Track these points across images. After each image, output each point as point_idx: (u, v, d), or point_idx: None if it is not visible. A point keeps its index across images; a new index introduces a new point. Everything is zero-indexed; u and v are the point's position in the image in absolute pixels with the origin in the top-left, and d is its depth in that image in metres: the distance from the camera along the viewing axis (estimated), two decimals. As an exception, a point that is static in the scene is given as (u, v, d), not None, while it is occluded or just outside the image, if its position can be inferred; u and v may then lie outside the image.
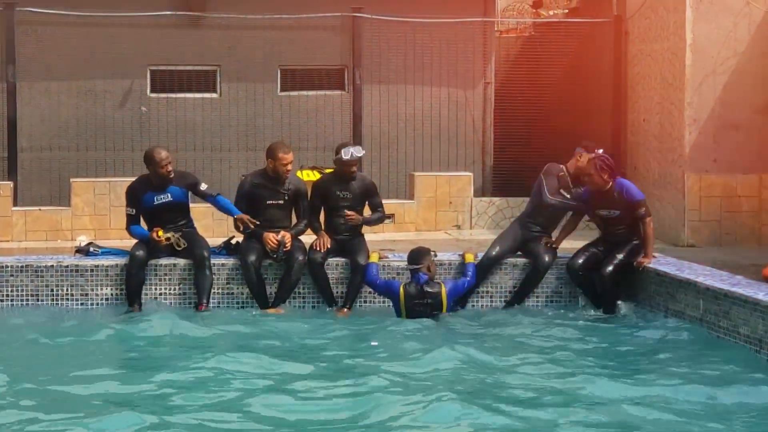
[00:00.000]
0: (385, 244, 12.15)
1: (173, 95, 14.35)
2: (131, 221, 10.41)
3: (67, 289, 10.41)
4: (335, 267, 10.59)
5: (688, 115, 12.78)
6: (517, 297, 10.56)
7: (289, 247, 10.31)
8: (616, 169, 10.37)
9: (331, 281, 10.52)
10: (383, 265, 10.59)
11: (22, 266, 10.40)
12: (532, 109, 15.32)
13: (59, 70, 14.06)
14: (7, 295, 10.37)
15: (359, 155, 10.70)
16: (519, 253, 10.70)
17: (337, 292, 10.53)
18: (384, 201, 11.09)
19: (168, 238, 10.28)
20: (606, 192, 10.24)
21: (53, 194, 13.92)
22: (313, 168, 13.60)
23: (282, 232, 10.39)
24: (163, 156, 10.31)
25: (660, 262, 10.61)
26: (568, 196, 10.57)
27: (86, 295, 10.41)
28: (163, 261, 10.42)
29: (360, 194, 10.73)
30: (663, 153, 13.37)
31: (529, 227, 10.66)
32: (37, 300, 10.38)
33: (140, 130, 14.24)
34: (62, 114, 14.12)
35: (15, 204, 13.42)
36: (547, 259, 10.48)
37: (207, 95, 14.45)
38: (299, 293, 10.55)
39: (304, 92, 14.59)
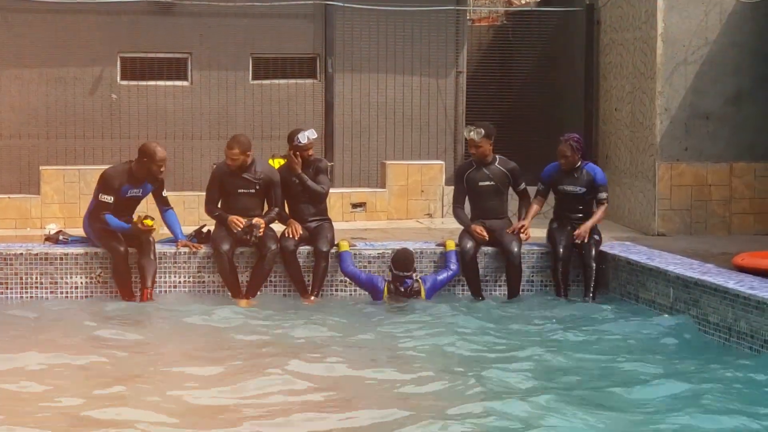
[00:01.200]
0: (357, 233, 12.13)
1: (144, 83, 14.27)
2: (106, 209, 10.21)
3: (36, 278, 10.35)
4: (305, 255, 10.57)
5: (660, 105, 12.81)
6: (512, 291, 10.55)
7: (262, 232, 10.30)
8: (586, 152, 10.96)
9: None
10: (354, 254, 10.58)
11: (-10, 254, 10.33)
12: (504, 97, 15.33)
13: (29, 57, 13.95)
14: (-23, 283, 10.30)
15: (314, 137, 10.73)
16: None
17: (308, 281, 10.51)
18: (355, 189, 11.10)
19: (152, 220, 10.24)
20: (575, 170, 10.75)
21: (22, 182, 13.82)
22: (284, 156, 13.53)
23: (255, 219, 10.38)
24: (163, 156, 10.30)
25: (631, 250, 10.65)
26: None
27: (56, 283, 10.35)
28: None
29: (313, 175, 10.73)
30: (634, 142, 13.40)
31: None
32: (6, 288, 10.31)
33: (110, 118, 14.15)
34: (32, 101, 14.02)
35: (-16, 192, 13.33)
36: (516, 250, 10.52)
37: (178, 83, 14.38)
38: (271, 281, 10.53)
39: (276, 81, 14.54)
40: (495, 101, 15.20)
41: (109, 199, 10.22)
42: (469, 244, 10.48)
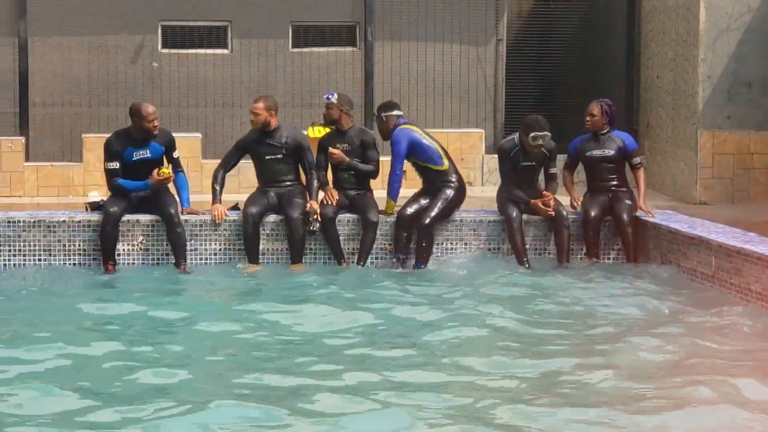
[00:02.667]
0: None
1: (184, 51, 14.32)
2: (115, 175, 10.16)
3: (79, 245, 10.41)
4: (346, 223, 10.58)
5: (702, 72, 12.72)
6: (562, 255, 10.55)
7: (319, 215, 10.30)
8: (615, 120, 10.69)
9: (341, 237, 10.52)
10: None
11: (34, 221, 10.41)
12: (544, 66, 15.26)
13: (71, 25, 14.02)
14: (20, 250, 10.37)
15: (330, 97, 10.67)
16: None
17: (347, 249, 10.52)
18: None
19: (167, 169, 10.20)
20: (602, 135, 10.56)
21: (65, 150, 13.92)
22: (324, 124, 13.56)
23: (309, 203, 10.34)
24: (150, 111, 10.13)
25: (672, 219, 10.59)
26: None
27: (99, 250, 10.42)
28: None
29: (359, 146, 10.71)
30: (676, 110, 13.32)
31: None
32: (50, 255, 10.39)
33: (151, 86, 14.21)
34: (74, 69, 14.10)
35: (27, 159, 13.44)
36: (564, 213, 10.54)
37: (218, 51, 14.41)
38: (310, 249, 10.54)
39: (316, 48, 14.54)
40: (535, 69, 15.14)
41: (114, 165, 10.16)
42: (515, 213, 10.47)
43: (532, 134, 10.32)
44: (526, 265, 10.39)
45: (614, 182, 10.58)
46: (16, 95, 13.81)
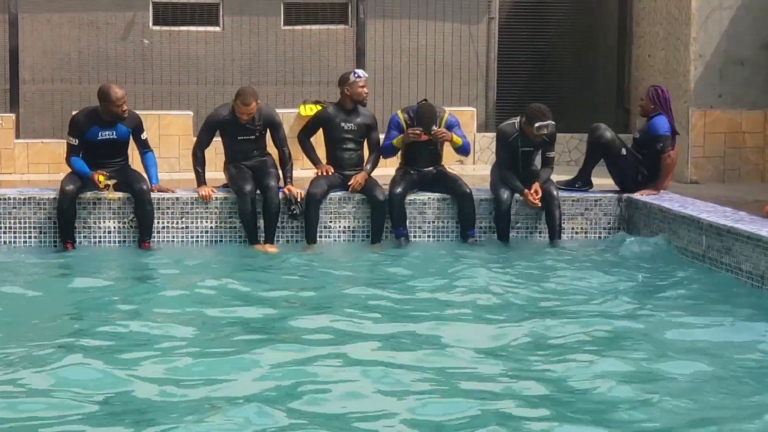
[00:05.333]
0: (388, 179, 12.12)
1: (176, 28, 14.26)
2: (73, 151, 10.21)
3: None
4: (349, 201, 10.59)
5: (694, 51, 12.71)
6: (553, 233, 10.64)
7: (299, 197, 10.29)
8: (665, 106, 10.78)
9: (345, 216, 10.51)
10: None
11: (24, 199, 10.39)
12: (536, 44, 15.22)
13: (61, 1, 13.95)
14: (10, 228, 10.37)
15: (366, 75, 10.74)
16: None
17: (352, 227, 10.52)
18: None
19: (107, 186, 10.17)
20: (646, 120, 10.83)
21: (55, 126, 13.88)
22: (316, 102, 13.53)
23: (286, 188, 10.33)
24: (119, 95, 10.12)
25: (663, 198, 10.61)
26: None
27: (89, 228, 10.41)
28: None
29: (364, 126, 10.73)
30: (668, 88, 13.28)
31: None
32: (41, 233, 10.38)
33: (142, 64, 14.16)
34: (64, 46, 14.04)
35: (17, 136, 13.40)
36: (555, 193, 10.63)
37: (210, 28, 14.35)
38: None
39: (308, 26, 14.49)
40: (527, 47, 15.09)
41: (74, 141, 10.18)
42: (506, 194, 10.49)
43: (536, 124, 10.34)
44: (504, 241, 10.50)
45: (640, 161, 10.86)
46: (7, 72, 13.75)
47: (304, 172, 11.38)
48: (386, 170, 10.95)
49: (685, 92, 12.84)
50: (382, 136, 10.95)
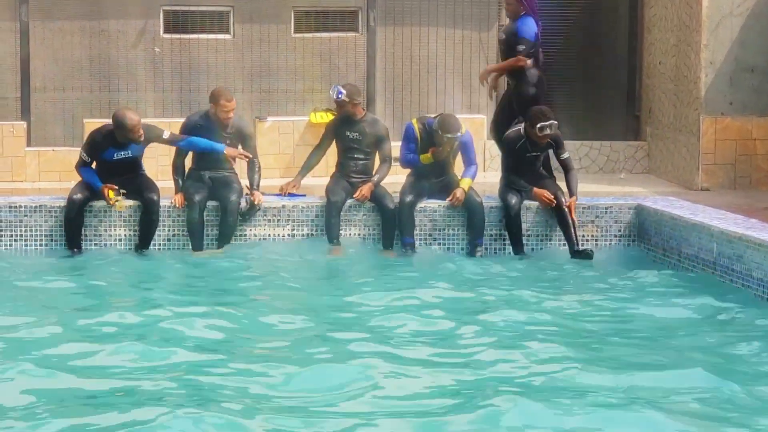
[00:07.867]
0: (397, 186, 12.12)
1: (186, 36, 14.28)
2: (84, 164, 10.33)
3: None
4: (360, 209, 10.62)
5: (705, 58, 12.69)
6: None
7: (258, 202, 10.39)
8: (533, 7, 11.17)
9: (356, 224, 10.55)
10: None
11: (35, 207, 10.42)
12: (546, 51, 15.18)
13: (72, 9, 13.99)
14: (21, 235, 10.40)
15: (339, 95, 10.66)
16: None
17: (362, 234, 10.58)
18: (397, 143, 11.06)
19: (116, 201, 10.24)
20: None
21: (66, 135, 13.91)
22: (326, 110, 13.56)
23: (252, 194, 10.39)
24: (135, 122, 10.12)
25: (674, 205, 10.60)
26: None
27: (100, 235, 10.44)
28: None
29: (371, 136, 10.74)
30: (678, 96, 13.29)
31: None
32: (51, 240, 10.40)
33: (153, 71, 14.18)
34: (75, 54, 14.07)
35: (28, 144, 13.43)
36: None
37: (220, 36, 14.38)
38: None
39: (318, 34, 14.51)
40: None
41: (87, 158, 10.30)
42: (514, 200, 10.49)
43: (539, 125, 10.33)
44: (522, 252, 10.42)
45: None
46: (18, 80, 13.79)
47: (314, 179, 11.40)
48: (397, 177, 10.95)
49: (695, 99, 12.82)
50: (394, 144, 10.95)
